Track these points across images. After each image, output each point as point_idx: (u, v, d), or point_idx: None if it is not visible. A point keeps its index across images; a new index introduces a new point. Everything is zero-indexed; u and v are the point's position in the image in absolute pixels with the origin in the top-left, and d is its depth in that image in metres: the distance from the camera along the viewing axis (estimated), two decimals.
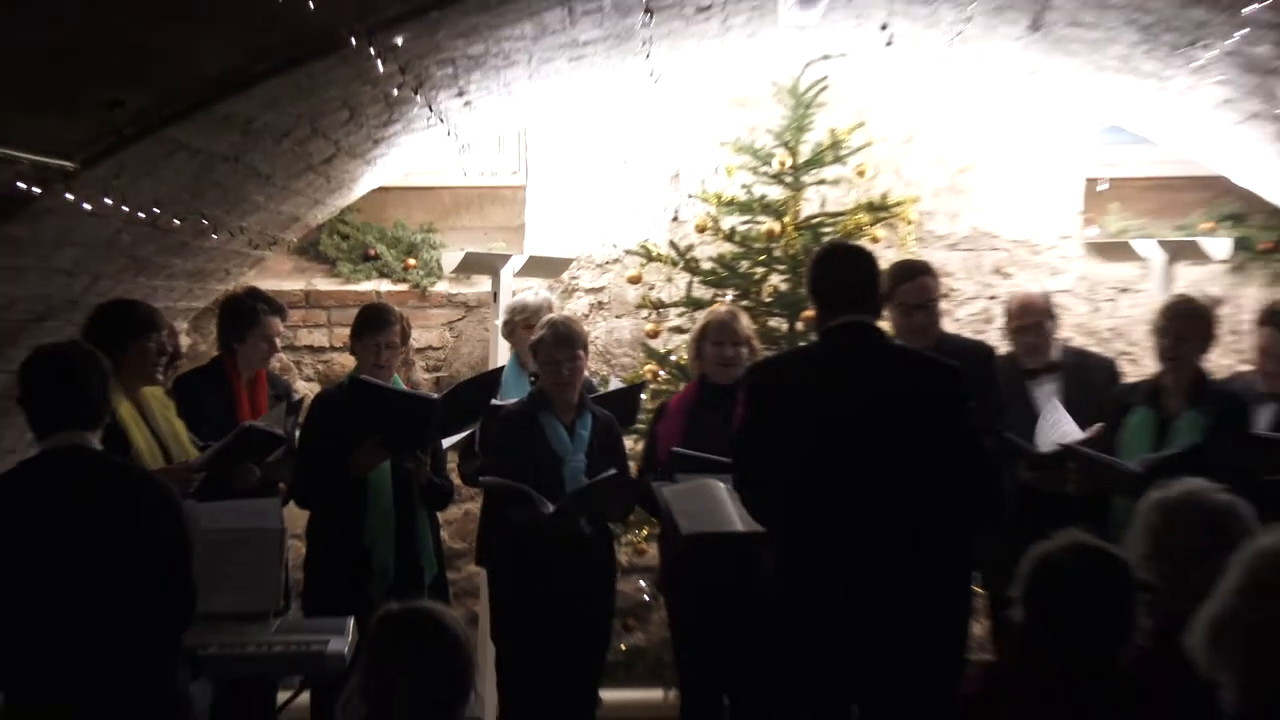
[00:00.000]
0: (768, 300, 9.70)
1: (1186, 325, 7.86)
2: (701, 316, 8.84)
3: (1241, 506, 4.75)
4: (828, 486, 6.29)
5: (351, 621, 6.83)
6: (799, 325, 9.55)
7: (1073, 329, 10.33)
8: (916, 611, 6.28)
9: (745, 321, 8.45)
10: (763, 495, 6.54)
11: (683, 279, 10.25)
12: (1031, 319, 8.52)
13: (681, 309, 10.16)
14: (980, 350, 8.37)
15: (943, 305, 8.37)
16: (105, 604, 5.58)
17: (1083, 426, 7.81)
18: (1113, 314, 9.66)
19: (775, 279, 9.83)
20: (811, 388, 6.50)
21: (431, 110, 8.49)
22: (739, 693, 8.04)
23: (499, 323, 10.19)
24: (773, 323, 9.39)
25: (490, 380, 8.73)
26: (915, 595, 6.31)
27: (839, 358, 6.51)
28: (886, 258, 8.42)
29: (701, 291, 10.03)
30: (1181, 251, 10.67)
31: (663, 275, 10.47)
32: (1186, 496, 4.80)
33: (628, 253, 10.74)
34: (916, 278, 8.01)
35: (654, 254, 10.41)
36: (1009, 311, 8.80)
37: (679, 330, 10.11)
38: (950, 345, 7.97)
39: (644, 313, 10.68)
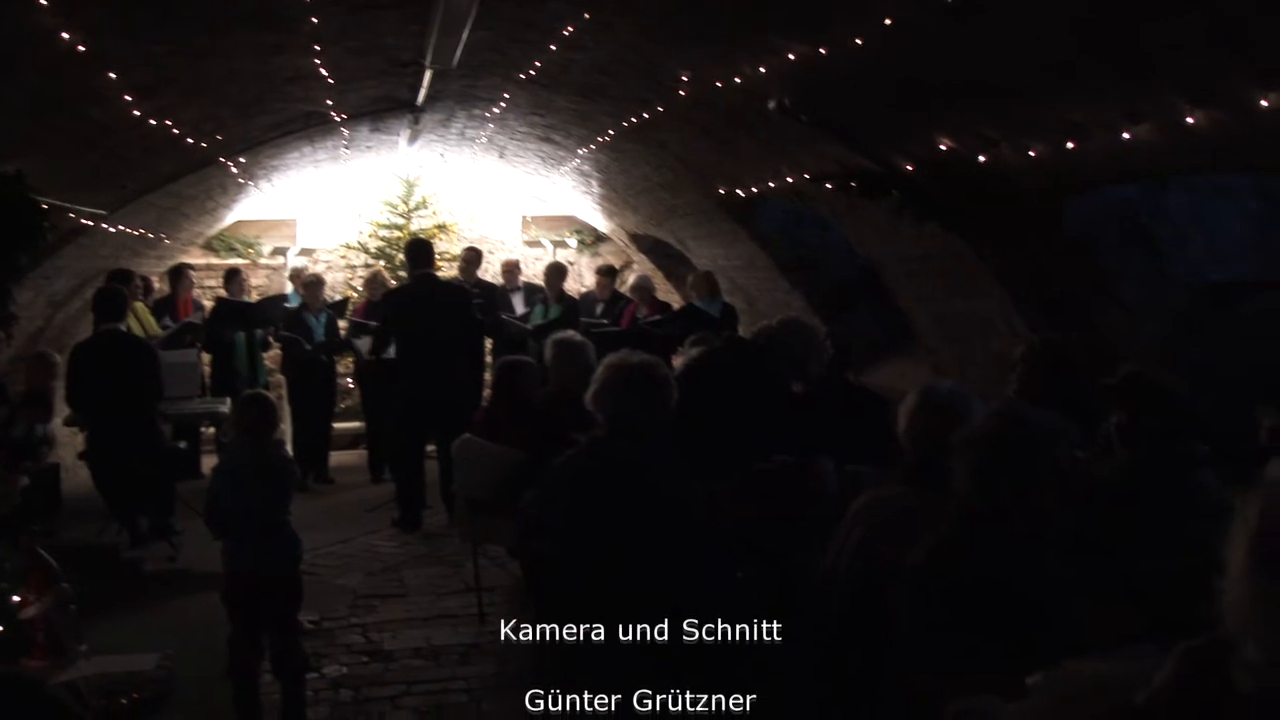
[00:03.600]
0: (397, 265, 9.64)
1: (555, 273, 8.33)
2: (368, 273, 8.95)
3: (590, 346, 4.87)
4: (416, 336, 6.60)
5: (229, 398, 6.91)
6: (405, 276, 9.65)
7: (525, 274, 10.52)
8: (459, 385, 6.68)
9: (384, 276, 8.56)
10: (395, 340, 6.83)
11: (363, 256, 10.31)
12: (511, 266, 8.85)
13: (363, 269, 10.08)
14: (487, 285, 8.53)
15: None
16: (131, 392, 5.71)
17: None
18: (535, 268, 10.09)
19: (399, 258, 9.61)
20: (409, 298, 6.79)
21: (257, 187, 8.38)
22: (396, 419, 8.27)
23: (287, 275, 10.12)
24: (401, 275, 9.49)
25: (278, 298, 8.60)
26: (458, 379, 6.70)
27: (421, 287, 6.76)
28: (451, 250, 8.76)
29: (371, 261, 10.05)
30: (559, 244, 11.17)
31: (355, 254, 10.48)
32: (566, 338, 4.89)
33: (341, 245, 10.62)
34: (472, 253, 8.36)
35: (351, 246, 10.45)
36: (504, 265, 9.00)
37: (360, 277, 9.95)
38: (477, 283, 8.26)
39: (346, 271, 10.62)
